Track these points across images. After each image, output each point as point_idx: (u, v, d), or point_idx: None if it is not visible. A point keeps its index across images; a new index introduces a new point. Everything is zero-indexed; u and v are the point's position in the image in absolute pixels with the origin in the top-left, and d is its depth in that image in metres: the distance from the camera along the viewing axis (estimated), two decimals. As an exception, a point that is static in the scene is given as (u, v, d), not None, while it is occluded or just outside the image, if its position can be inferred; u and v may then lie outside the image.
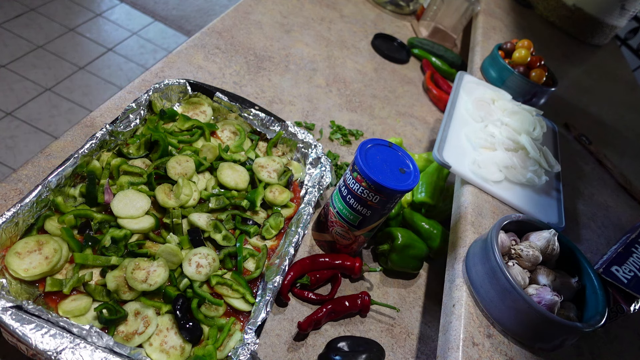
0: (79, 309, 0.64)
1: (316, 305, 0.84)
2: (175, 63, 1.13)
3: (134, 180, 0.80)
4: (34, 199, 0.66)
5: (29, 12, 2.95)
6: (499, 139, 1.03)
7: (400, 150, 0.84)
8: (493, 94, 1.18)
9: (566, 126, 1.37)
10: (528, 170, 0.99)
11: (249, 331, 0.65)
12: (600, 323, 0.68)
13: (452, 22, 1.74)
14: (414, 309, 0.93)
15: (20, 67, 2.58)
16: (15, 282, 0.62)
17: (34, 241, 0.66)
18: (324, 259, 0.88)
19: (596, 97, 1.73)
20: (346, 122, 1.25)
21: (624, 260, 0.79)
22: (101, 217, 0.73)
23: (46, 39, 2.82)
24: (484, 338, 0.69)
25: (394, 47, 1.66)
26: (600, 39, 2.05)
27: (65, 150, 0.84)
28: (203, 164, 0.88)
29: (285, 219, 0.87)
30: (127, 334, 0.64)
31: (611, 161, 1.30)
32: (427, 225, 0.99)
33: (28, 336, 0.54)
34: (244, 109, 0.99)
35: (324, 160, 0.96)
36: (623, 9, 1.92)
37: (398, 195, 0.80)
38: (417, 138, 1.34)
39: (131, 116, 0.86)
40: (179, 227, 0.77)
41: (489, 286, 0.71)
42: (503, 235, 0.77)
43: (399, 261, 0.92)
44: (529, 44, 1.35)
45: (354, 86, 1.39)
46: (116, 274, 0.68)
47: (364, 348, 0.77)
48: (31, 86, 2.52)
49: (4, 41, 2.68)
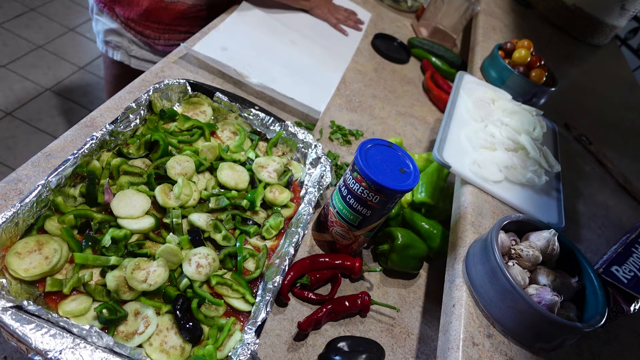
0: (79, 309, 0.64)
1: (316, 305, 0.84)
2: (175, 63, 1.13)
3: (134, 180, 0.80)
4: (34, 199, 0.66)
5: (29, 12, 2.95)
6: (499, 139, 1.03)
7: (400, 150, 0.84)
8: (493, 94, 1.18)
9: (566, 126, 1.37)
10: (528, 170, 0.99)
11: (249, 331, 0.65)
12: (600, 323, 0.68)
13: (452, 22, 1.74)
14: (414, 309, 0.93)
15: (20, 67, 2.58)
16: (15, 282, 0.62)
17: (34, 241, 0.66)
18: (324, 259, 0.88)
19: (596, 97, 1.73)
20: (346, 122, 1.25)
21: (624, 260, 0.79)
22: (101, 217, 0.73)
23: (46, 39, 2.82)
24: (484, 338, 0.69)
25: (394, 47, 1.66)
26: (600, 39, 2.05)
27: (65, 150, 0.84)
28: (203, 164, 0.88)
29: (285, 219, 0.87)
30: (127, 334, 0.64)
31: (611, 161, 1.30)
32: (427, 225, 0.99)
33: (28, 336, 0.54)
34: (244, 109, 0.99)
35: (324, 160, 0.96)
36: (623, 9, 1.92)
37: (398, 195, 0.80)
38: (417, 138, 1.34)
39: (131, 116, 0.86)
40: (179, 227, 0.77)
41: (489, 286, 0.71)
42: (503, 235, 0.77)
43: (399, 261, 0.92)
44: (529, 44, 1.35)
45: (354, 86, 1.39)
46: (116, 274, 0.68)
47: (364, 348, 0.77)
48: (31, 86, 2.52)
49: (4, 41, 2.68)
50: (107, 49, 1.35)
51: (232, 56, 1.20)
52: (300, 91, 1.18)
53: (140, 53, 1.34)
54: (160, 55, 1.35)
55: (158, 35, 1.29)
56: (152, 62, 1.36)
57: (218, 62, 1.12)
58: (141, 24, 1.27)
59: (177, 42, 1.27)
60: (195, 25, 1.33)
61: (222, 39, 1.23)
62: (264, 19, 1.40)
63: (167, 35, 1.31)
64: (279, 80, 1.20)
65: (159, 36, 1.30)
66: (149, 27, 1.28)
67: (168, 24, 1.29)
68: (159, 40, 1.30)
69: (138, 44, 1.31)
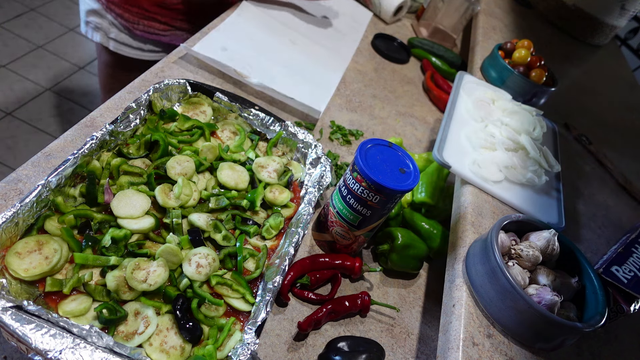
0: (79, 309, 0.64)
1: (316, 305, 0.84)
2: (175, 63, 1.13)
3: (134, 180, 0.80)
4: (34, 199, 0.66)
5: (29, 12, 2.95)
6: (499, 139, 1.03)
7: (400, 150, 0.84)
8: (493, 94, 1.18)
9: (566, 126, 1.37)
10: (528, 170, 0.99)
11: (249, 331, 0.65)
12: (600, 323, 0.68)
13: (452, 22, 1.74)
14: (414, 309, 0.93)
15: (20, 67, 2.58)
16: (15, 282, 0.62)
17: (34, 241, 0.66)
18: (324, 259, 0.88)
19: (596, 97, 1.73)
20: (346, 122, 1.25)
21: (624, 260, 0.79)
22: (101, 217, 0.73)
23: (46, 39, 2.82)
24: (484, 338, 0.69)
25: (394, 47, 1.66)
26: (600, 39, 2.05)
27: (65, 150, 0.84)
28: (203, 164, 0.88)
29: (285, 219, 0.87)
30: (127, 334, 0.64)
31: (611, 161, 1.30)
32: (427, 225, 0.99)
33: (28, 336, 0.54)
34: (244, 109, 0.99)
35: (324, 160, 0.96)
36: (623, 9, 1.92)
37: (398, 195, 0.80)
38: (417, 138, 1.34)
39: (131, 116, 0.86)
40: (179, 227, 0.77)
41: (489, 286, 0.71)
42: (503, 235, 0.77)
43: (399, 261, 0.92)
44: (529, 44, 1.35)
45: (354, 86, 1.39)
46: (116, 274, 0.68)
47: (364, 348, 0.77)
48: (31, 86, 2.52)
49: (4, 41, 2.68)
50: (88, 29, 1.35)
51: (232, 56, 1.20)
52: (300, 91, 1.18)
53: (119, 36, 1.34)
54: (139, 40, 1.35)
55: (137, 20, 1.29)
56: (130, 46, 1.35)
57: (218, 62, 1.12)
58: (121, 7, 1.27)
59: (157, 31, 1.27)
60: (176, 19, 1.33)
61: (222, 39, 1.23)
62: (264, 19, 1.40)
63: (147, 22, 1.31)
64: (279, 80, 1.20)
65: (138, 21, 1.29)
66: (128, 10, 1.28)
67: (147, 10, 1.29)
68: (137, 24, 1.30)
69: (117, 27, 1.31)
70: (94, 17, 1.32)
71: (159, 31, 1.24)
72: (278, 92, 1.13)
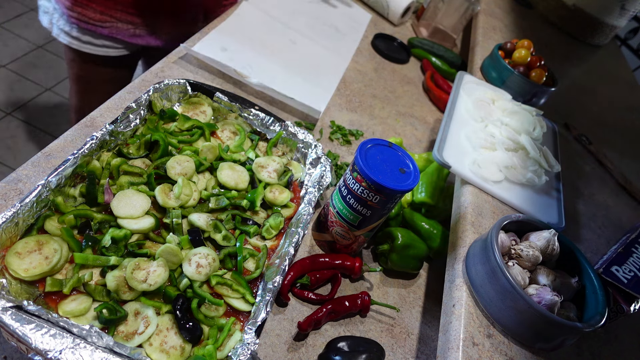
0: (79, 309, 0.64)
1: (316, 305, 0.84)
2: (175, 63, 1.13)
3: (134, 180, 0.80)
4: (34, 199, 0.66)
5: (29, 12, 2.95)
6: (499, 139, 1.03)
7: (400, 150, 0.84)
8: (493, 94, 1.18)
9: (566, 126, 1.37)
10: (528, 170, 0.99)
11: (249, 331, 0.65)
12: (600, 323, 0.68)
13: (452, 22, 1.74)
14: (414, 309, 0.93)
15: (20, 67, 2.58)
16: (15, 282, 0.62)
17: (34, 241, 0.66)
18: (324, 259, 0.88)
19: (596, 97, 1.73)
20: (346, 122, 1.25)
21: (624, 260, 0.79)
22: (101, 217, 0.73)
23: (46, 39, 2.81)
24: (484, 338, 0.69)
25: (394, 47, 1.66)
26: (600, 39, 2.05)
27: (65, 150, 0.84)
28: (203, 164, 0.88)
29: (285, 219, 0.87)
30: (127, 334, 0.64)
31: (611, 161, 1.30)
32: (427, 225, 0.99)
33: (28, 336, 0.54)
34: (244, 109, 0.99)
35: (324, 160, 0.96)
36: (623, 9, 1.92)
37: (398, 195, 0.80)
38: (417, 138, 1.34)
39: (131, 116, 0.86)
40: (179, 227, 0.77)
41: (489, 286, 0.71)
42: (503, 235, 0.77)
43: (399, 261, 0.92)
44: (529, 44, 1.35)
45: (354, 86, 1.39)
46: (116, 274, 0.68)
47: (364, 348, 0.77)
48: (31, 86, 2.52)
49: (4, 41, 2.68)
50: (39, 13, 1.29)
51: (232, 56, 1.20)
52: (300, 91, 1.18)
53: (59, 22, 1.25)
54: (76, 29, 1.24)
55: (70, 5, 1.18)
56: (68, 34, 1.25)
57: (218, 62, 1.12)
58: None
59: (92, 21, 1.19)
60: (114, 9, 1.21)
61: (222, 39, 1.23)
62: (264, 19, 1.40)
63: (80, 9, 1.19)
64: (279, 80, 1.20)
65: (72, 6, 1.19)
66: None
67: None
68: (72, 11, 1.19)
69: (57, 11, 1.23)
70: (43, 1, 1.26)
71: (94, 21, 1.15)
72: (278, 92, 1.13)
